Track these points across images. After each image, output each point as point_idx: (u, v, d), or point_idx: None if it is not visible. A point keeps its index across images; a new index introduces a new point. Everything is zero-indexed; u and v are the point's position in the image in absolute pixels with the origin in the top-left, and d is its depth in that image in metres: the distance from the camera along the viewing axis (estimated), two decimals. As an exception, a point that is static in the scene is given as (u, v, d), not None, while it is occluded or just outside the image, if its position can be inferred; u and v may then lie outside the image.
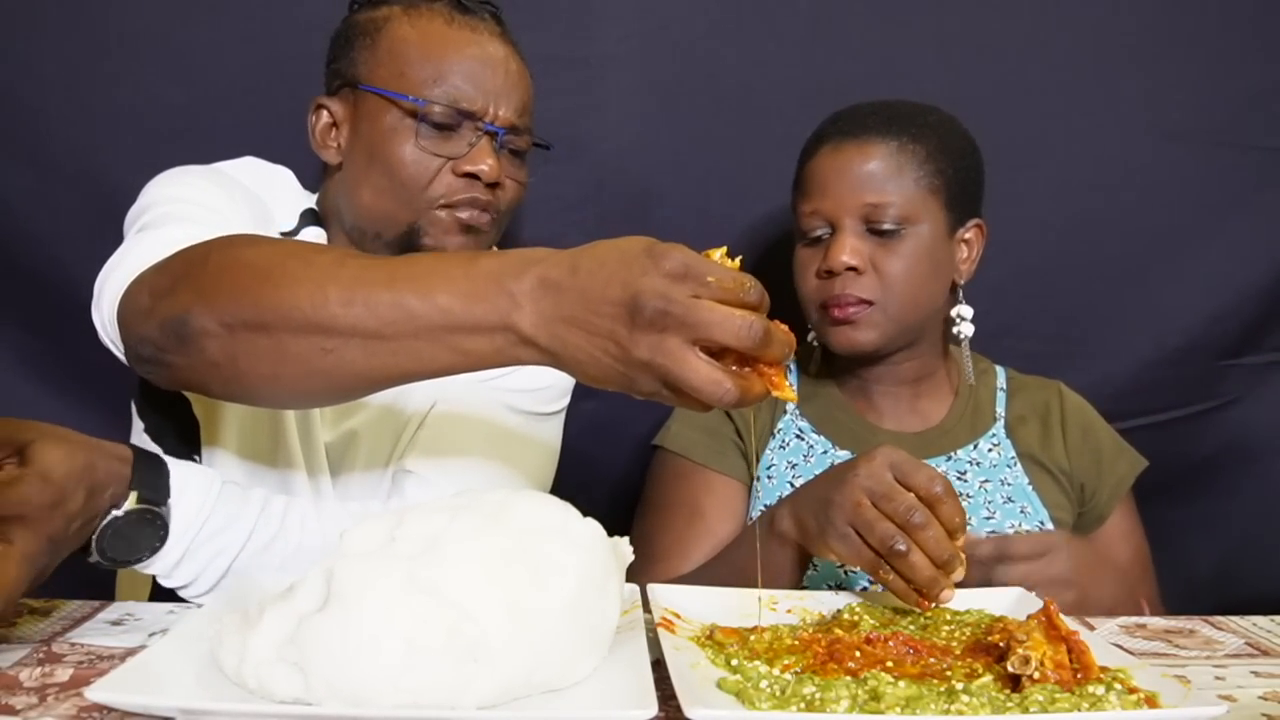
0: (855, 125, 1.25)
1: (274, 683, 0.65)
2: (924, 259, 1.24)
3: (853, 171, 1.23)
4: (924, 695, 0.69)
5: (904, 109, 1.28)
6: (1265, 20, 1.63)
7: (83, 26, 1.45)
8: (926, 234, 1.24)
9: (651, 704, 0.64)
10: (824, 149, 1.26)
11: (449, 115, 1.13)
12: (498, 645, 0.66)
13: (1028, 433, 1.33)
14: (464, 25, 1.16)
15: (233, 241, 0.88)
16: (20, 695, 0.71)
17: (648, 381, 0.73)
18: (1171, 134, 1.62)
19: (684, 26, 1.56)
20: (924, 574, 0.88)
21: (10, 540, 0.74)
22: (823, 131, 1.29)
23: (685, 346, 0.71)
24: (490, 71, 1.15)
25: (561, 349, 0.75)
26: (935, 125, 1.27)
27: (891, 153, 1.23)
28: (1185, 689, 0.71)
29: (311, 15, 1.21)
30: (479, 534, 0.69)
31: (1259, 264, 1.65)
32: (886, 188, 1.22)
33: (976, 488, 1.28)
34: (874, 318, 1.23)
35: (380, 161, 1.14)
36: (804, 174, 1.29)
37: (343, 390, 0.84)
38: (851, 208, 1.23)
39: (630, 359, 0.72)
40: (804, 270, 1.28)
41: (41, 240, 1.49)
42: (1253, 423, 1.69)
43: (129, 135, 1.47)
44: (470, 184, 1.14)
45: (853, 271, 1.22)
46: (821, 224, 1.25)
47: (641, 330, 0.71)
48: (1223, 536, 1.65)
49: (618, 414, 1.52)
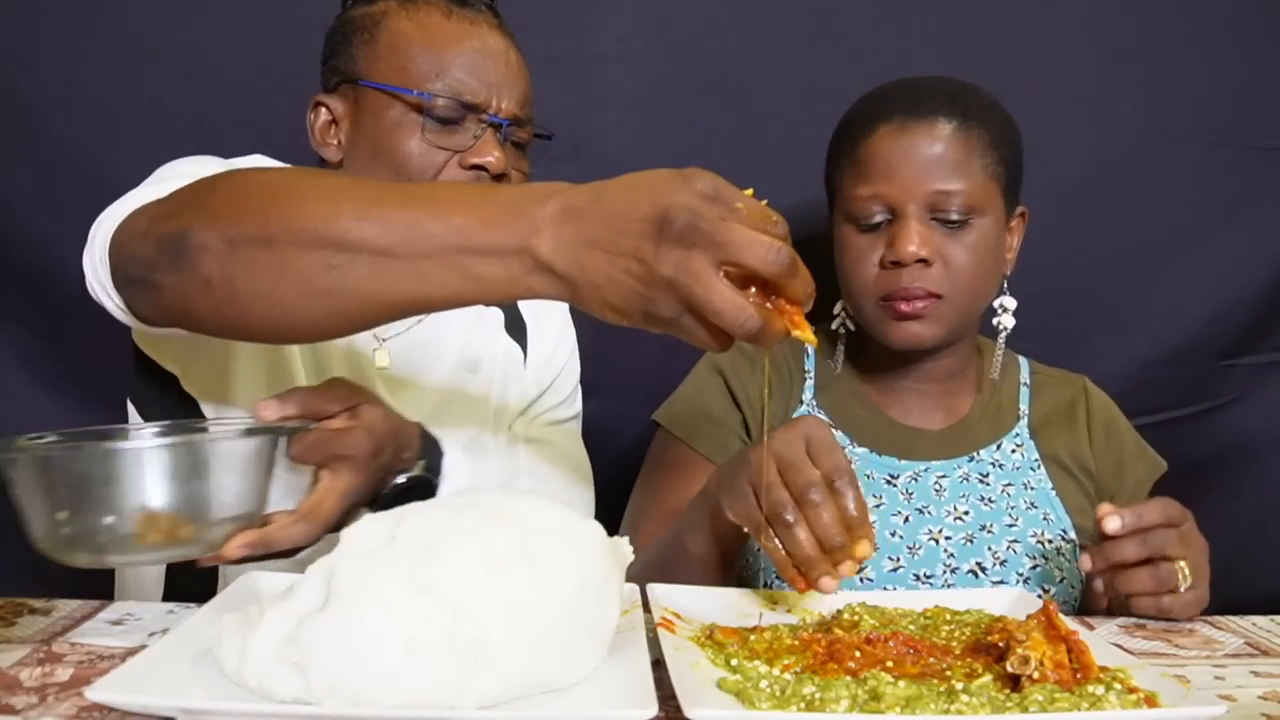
0: (920, 104, 1.18)
1: (274, 683, 0.65)
2: (988, 251, 1.19)
3: (920, 154, 1.16)
4: (924, 695, 0.69)
5: (959, 88, 1.21)
6: (1265, 20, 1.62)
7: (83, 26, 1.45)
8: (989, 225, 1.19)
9: (651, 704, 0.64)
10: (886, 127, 1.18)
11: (453, 108, 1.12)
12: (498, 645, 0.66)
13: (1052, 433, 1.29)
14: (462, 18, 1.15)
15: (244, 170, 0.86)
16: (20, 695, 0.71)
17: (668, 304, 0.71)
18: (1171, 134, 1.62)
19: (684, 26, 1.56)
20: (804, 551, 0.85)
21: (339, 475, 0.88)
22: (882, 108, 1.20)
23: (711, 268, 0.69)
24: (492, 63, 1.15)
25: (580, 274, 0.72)
26: (992, 107, 1.21)
27: (960, 137, 1.16)
28: (1185, 689, 0.71)
29: (311, 15, 1.21)
30: (479, 534, 0.69)
31: (1259, 264, 1.64)
32: (955, 174, 1.16)
33: (999, 492, 1.24)
34: (940, 312, 1.18)
35: (385, 157, 1.14)
36: (861, 154, 1.19)
37: (341, 315, 0.80)
38: (919, 194, 1.16)
39: (654, 277, 0.70)
40: (860, 259, 1.20)
41: (41, 240, 1.49)
42: (1253, 423, 1.69)
43: (129, 135, 1.47)
44: (477, 176, 1.14)
45: (922, 264, 1.16)
46: (882, 209, 1.18)
47: (669, 245, 0.69)
48: (1223, 536, 1.64)
49: (618, 414, 1.53)
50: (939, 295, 1.17)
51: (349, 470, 0.89)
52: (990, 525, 1.21)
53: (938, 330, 1.19)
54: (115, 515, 0.76)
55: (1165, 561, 0.97)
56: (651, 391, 1.37)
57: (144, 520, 0.77)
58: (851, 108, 1.25)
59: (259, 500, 0.84)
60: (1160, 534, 0.97)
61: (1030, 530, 1.21)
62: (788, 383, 1.32)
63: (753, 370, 1.30)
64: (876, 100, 1.22)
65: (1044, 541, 1.20)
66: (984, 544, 1.20)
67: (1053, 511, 1.23)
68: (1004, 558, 1.19)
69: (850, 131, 1.22)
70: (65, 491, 0.77)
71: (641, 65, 1.55)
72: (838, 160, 1.24)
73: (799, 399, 1.31)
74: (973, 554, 1.19)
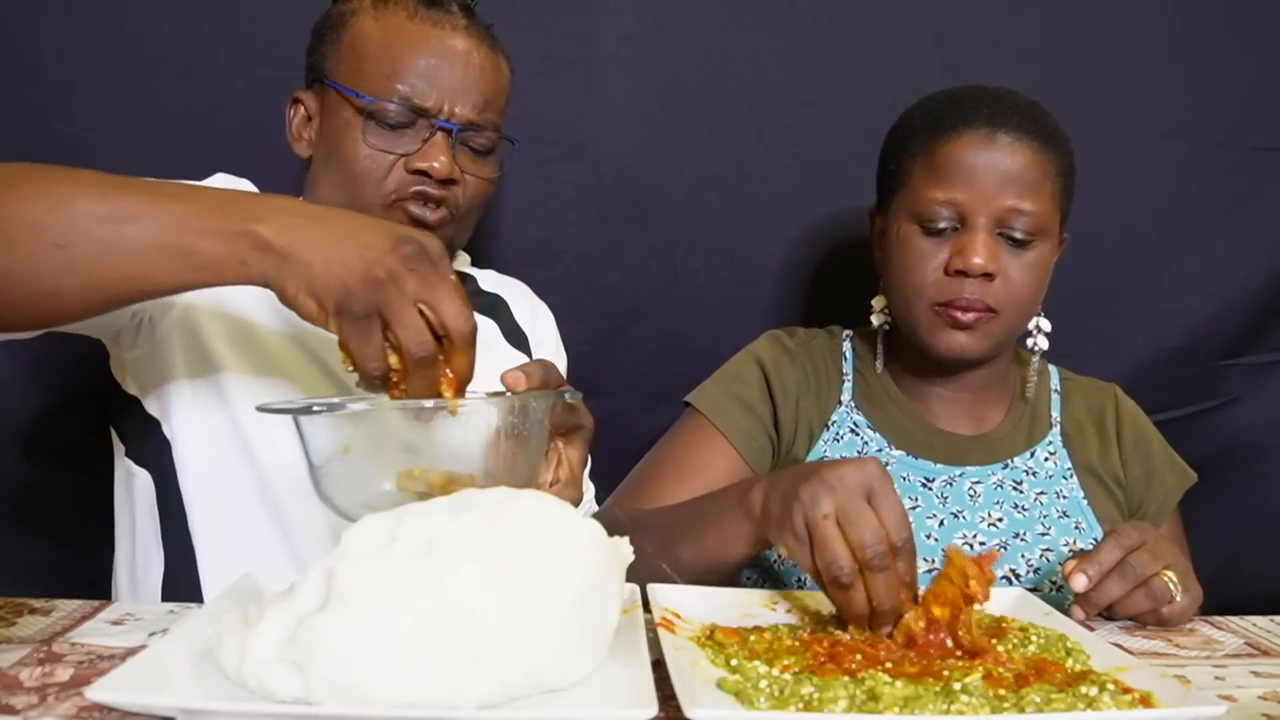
0: (1006, 118, 1.17)
1: (274, 683, 0.65)
2: (1043, 273, 1.21)
3: (1003, 168, 1.15)
4: (922, 695, 0.69)
5: (1037, 108, 1.21)
6: (1265, 20, 1.62)
7: (83, 26, 1.45)
8: (1047, 248, 1.20)
9: (651, 704, 0.64)
10: (971, 135, 1.16)
11: (401, 113, 1.12)
12: (498, 645, 0.66)
13: (1084, 441, 1.30)
14: (426, 19, 1.14)
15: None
16: (20, 695, 0.71)
17: (364, 304, 0.77)
18: (1171, 134, 1.62)
19: (684, 26, 1.55)
20: (857, 611, 0.83)
21: (574, 444, 0.98)
22: (968, 114, 1.18)
23: (417, 293, 0.79)
24: (447, 67, 1.13)
25: (297, 249, 0.78)
26: (1063, 133, 1.22)
27: (1040, 158, 1.17)
28: (1185, 689, 0.71)
29: (311, 15, 1.21)
30: (479, 534, 0.69)
31: (1259, 264, 1.65)
32: (1030, 194, 1.16)
33: (1032, 500, 1.24)
34: (992, 327, 1.18)
35: (336, 157, 1.14)
36: (941, 156, 1.18)
37: (70, 294, 0.82)
38: (994, 207, 1.16)
39: (369, 274, 0.77)
40: (922, 260, 1.19)
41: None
42: (1253, 423, 1.69)
43: (129, 135, 1.47)
44: (421, 179, 1.13)
45: (986, 277, 1.16)
46: (951, 216, 1.17)
47: (396, 256, 0.78)
48: (1223, 536, 1.65)
49: (618, 414, 1.53)
50: (994, 310, 1.17)
51: (581, 441, 0.99)
52: (1024, 533, 1.21)
53: (984, 344, 1.19)
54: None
55: (1154, 579, 0.97)
56: (651, 391, 1.37)
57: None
58: (925, 107, 1.24)
59: (539, 465, 0.90)
60: (1134, 561, 0.97)
61: (1063, 539, 1.21)
62: (825, 383, 1.31)
63: (793, 365, 1.31)
64: (960, 105, 1.20)
65: (1076, 551, 1.17)
66: (1018, 551, 1.20)
67: (1085, 520, 1.24)
68: (1037, 565, 1.20)
69: (928, 131, 1.20)
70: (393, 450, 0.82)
71: (641, 65, 1.55)
72: (907, 157, 1.22)
73: (838, 399, 1.30)
74: (1006, 561, 1.20)
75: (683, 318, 1.61)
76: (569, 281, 1.55)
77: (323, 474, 0.83)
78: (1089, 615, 0.98)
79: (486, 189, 1.20)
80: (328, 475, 0.83)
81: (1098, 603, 0.97)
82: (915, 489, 1.24)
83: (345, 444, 0.82)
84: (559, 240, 1.56)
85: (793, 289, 1.61)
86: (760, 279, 1.61)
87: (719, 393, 1.30)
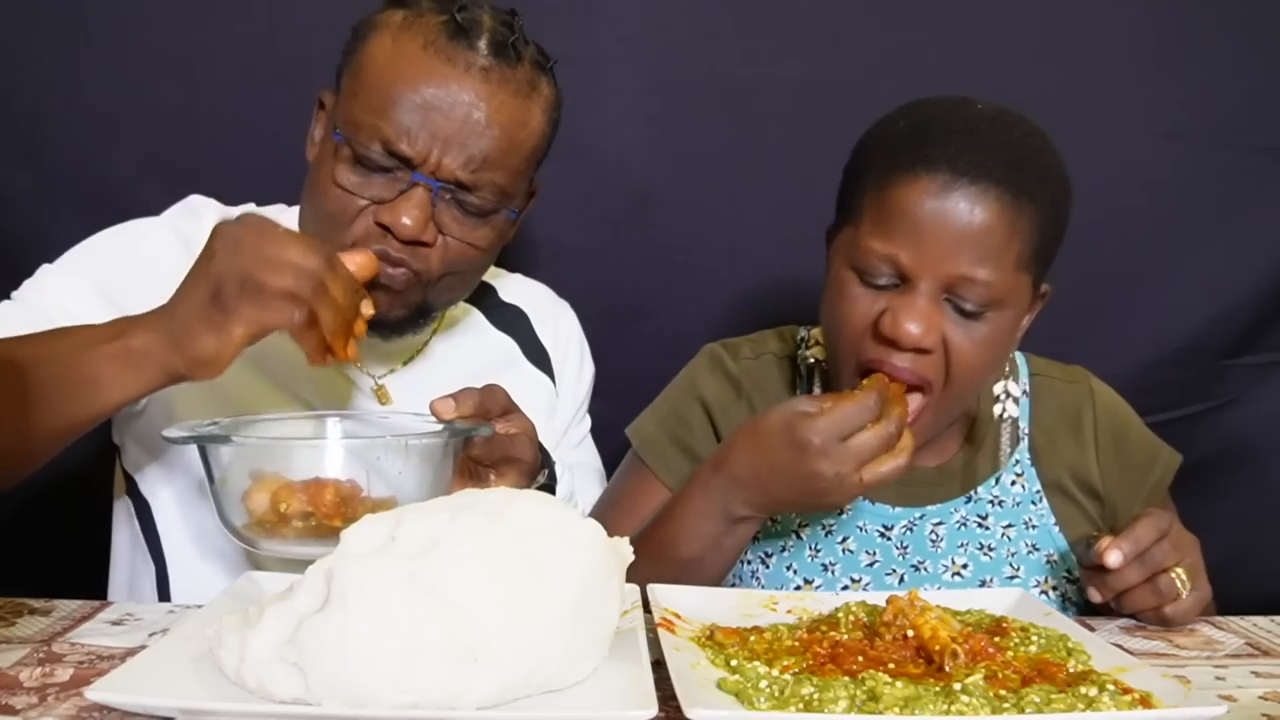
0: (973, 160, 0.99)
1: (274, 683, 0.65)
2: (998, 346, 1.05)
3: (956, 228, 0.98)
4: (922, 695, 0.69)
5: (1021, 146, 1.03)
6: (1265, 20, 1.62)
7: (83, 26, 1.45)
8: (1007, 318, 1.03)
9: (651, 704, 0.64)
10: (928, 180, 0.99)
11: (380, 156, 1.00)
12: (498, 645, 0.66)
13: (1055, 453, 1.19)
14: (440, 52, 1.00)
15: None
16: (20, 695, 0.71)
17: (233, 289, 0.81)
18: (1171, 134, 1.62)
19: (684, 26, 1.55)
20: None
21: (506, 476, 0.97)
22: (929, 151, 1.00)
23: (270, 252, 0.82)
24: (444, 112, 0.99)
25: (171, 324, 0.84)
26: (1051, 175, 1.05)
27: (1008, 217, 0.99)
28: (1186, 689, 0.71)
29: (311, 15, 1.21)
30: (479, 534, 0.69)
31: (1259, 264, 1.64)
32: (987, 261, 0.99)
33: (999, 536, 1.15)
34: (926, 401, 1.03)
35: (313, 186, 1.06)
36: (889, 201, 1.01)
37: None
38: (940, 273, 0.99)
39: (213, 270, 0.82)
40: (853, 311, 1.03)
41: (41, 240, 1.48)
42: (1253, 423, 1.69)
43: (129, 135, 1.47)
44: (386, 235, 1.01)
45: (920, 350, 1.00)
46: (891, 273, 1.01)
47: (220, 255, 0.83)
48: (1223, 536, 1.64)
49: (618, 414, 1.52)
50: (928, 383, 1.02)
51: (516, 473, 0.97)
52: (990, 579, 1.15)
53: (915, 420, 1.02)
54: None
55: (1163, 574, 0.96)
56: (652, 392, 1.37)
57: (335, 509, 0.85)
58: (890, 131, 1.07)
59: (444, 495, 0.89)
60: (1156, 550, 0.96)
61: (1033, 578, 1.15)
62: None
63: (738, 400, 1.21)
64: (924, 136, 1.02)
65: (1048, 590, 1.15)
66: None
67: (1055, 551, 1.17)
68: None
69: (884, 166, 1.03)
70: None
71: (641, 65, 1.55)
72: (859, 190, 1.06)
73: None
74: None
75: (683, 318, 1.61)
76: (569, 281, 1.55)
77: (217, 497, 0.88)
78: (1105, 598, 0.97)
79: (473, 255, 1.06)
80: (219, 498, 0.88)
81: (1114, 586, 0.96)
82: (873, 541, 1.16)
83: (221, 475, 0.86)
84: (559, 240, 1.56)
85: (793, 289, 1.61)
86: (760, 279, 1.61)
87: (663, 439, 1.21)
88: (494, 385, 0.97)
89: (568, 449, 1.30)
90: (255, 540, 0.87)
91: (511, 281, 1.33)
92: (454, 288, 1.10)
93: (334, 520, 0.84)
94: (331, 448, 0.92)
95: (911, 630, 0.80)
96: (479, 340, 1.25)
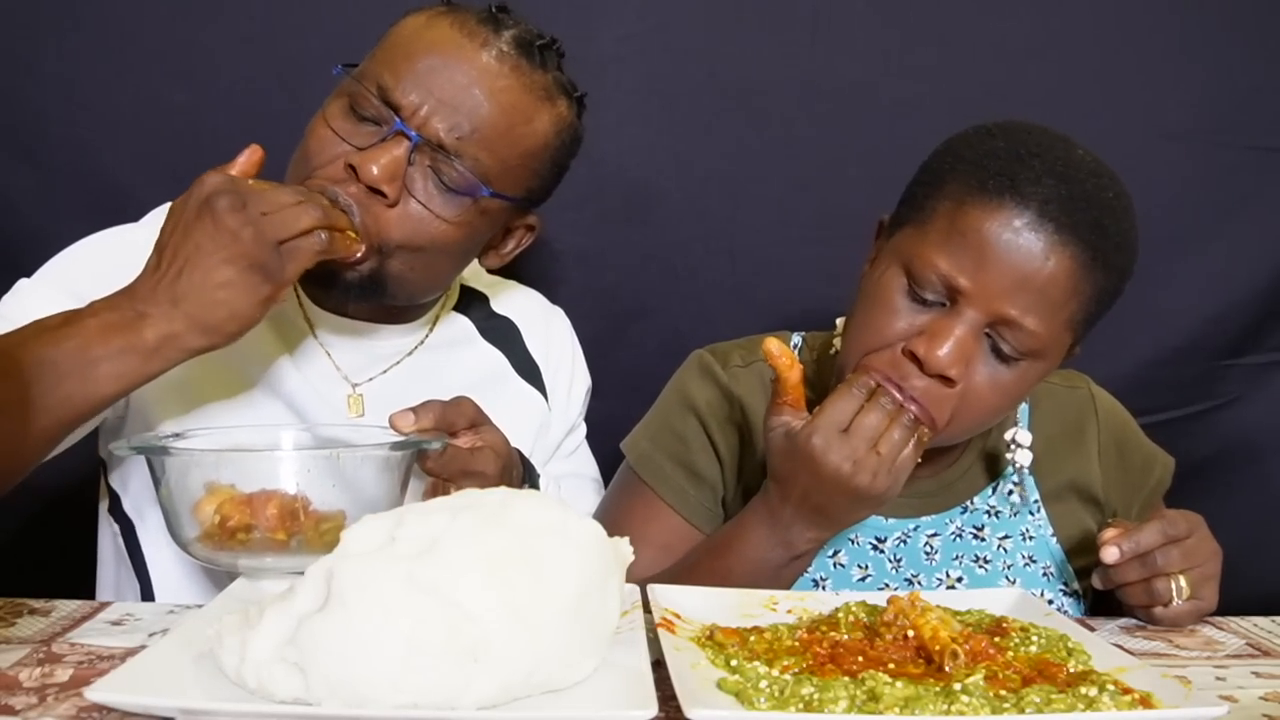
0: (1062, 209, 0.95)
1: (274, 683, 0.65)
2: (1015, 397, 1.03)
3: (1024, 269, 0.95)
4: (922, 696, 0.69)
5: (1111, 202, 0.99)
6: (1265, 20, 1.62)
7: (83, 26, 1.45)
8: (1037, 371, 1.01)
9: (651, 704, 0.64)
10: (1009, 212, 0.95)
11: (375, 103, 0.99)
12: (498, 645, 0.66)
13: (1055, 462, 1.17)
14: (464, 29, 1.01)
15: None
16: (20, 695, 0.71)
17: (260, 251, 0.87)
18: (1171, 134, 1.62)
19: (684, 26, 1.55)
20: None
21: None
22: (1021, 184, 0.96)
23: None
24: (445, 78, 0.99)
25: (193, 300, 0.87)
26: (1126, 240, 1.01)
27: (1075, 275, 0.96)
28: (1186, 689, 0.71)
29: (311, 15, 1.21)
30: (479, 534, 0.69)
31: (1259, 264, 1.64)
32: (1039, 311, 0.96)
33: (995, 548, 1.14)
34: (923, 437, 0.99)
35: (307, 130, 1.04)
36: (963, 220, 0.97)
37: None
38: (990, 306, 0.96)
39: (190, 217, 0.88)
40: (888, 323, 1.00)
41: (41, 240, 1.48)
42: (1253, 423, 1.69)
43: (129, 135, 1.47)
44: (349, 181, 0.98)
45: (943, 380, 0.97)
46: (942, 291, 0.98)
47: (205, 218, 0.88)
48: (1223, 536, 1.64)
49: (618, 414, 1.52)
50: (931, 421, 0.98)
51: (477, 487, 0.91)
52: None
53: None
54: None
55: (1162, 577, 0.97)
56: (652, 392, 1.37)
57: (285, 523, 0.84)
58: (988, 143, 1.01)
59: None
60: (1159, 554, 0.97)
61: (1030, 591, 1.11)
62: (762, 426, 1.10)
63: (730, 413, 1.18)
64: (1020, 164, 0.97)
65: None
66: None
67: (1052, 563, 1.16)
68: None
69: (971, 176, 0.98)
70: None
71: (641, 65, 1.55)
72: (939, 194, 1.01)
73: None
74: None
75: (683, 318, 1.61)
76: (569, 281, 1.55)
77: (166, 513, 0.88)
78: (1104, 585, 0.99)
79: (434, 231, 1.01)
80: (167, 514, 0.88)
81: (1111, 579, 0.98)
82: (865, 553, 1.14)
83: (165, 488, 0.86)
84: (559, 240, 1.56)
85: (793, 289, 1.61)
86: (760, 279, 1.61)
87: (660, 457, 1.18)
88: (462, 398, 0.96)
89: (560, 459, 1.29)
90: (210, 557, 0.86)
91: (505, 292, 1.31)
92: (412, 268, 1.03)
93: (277, 533, 0.82)
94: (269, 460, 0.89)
95: (912, 630, 0.80)
96: (468, 354, 1.23)
